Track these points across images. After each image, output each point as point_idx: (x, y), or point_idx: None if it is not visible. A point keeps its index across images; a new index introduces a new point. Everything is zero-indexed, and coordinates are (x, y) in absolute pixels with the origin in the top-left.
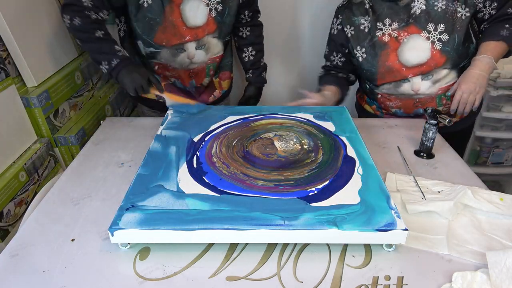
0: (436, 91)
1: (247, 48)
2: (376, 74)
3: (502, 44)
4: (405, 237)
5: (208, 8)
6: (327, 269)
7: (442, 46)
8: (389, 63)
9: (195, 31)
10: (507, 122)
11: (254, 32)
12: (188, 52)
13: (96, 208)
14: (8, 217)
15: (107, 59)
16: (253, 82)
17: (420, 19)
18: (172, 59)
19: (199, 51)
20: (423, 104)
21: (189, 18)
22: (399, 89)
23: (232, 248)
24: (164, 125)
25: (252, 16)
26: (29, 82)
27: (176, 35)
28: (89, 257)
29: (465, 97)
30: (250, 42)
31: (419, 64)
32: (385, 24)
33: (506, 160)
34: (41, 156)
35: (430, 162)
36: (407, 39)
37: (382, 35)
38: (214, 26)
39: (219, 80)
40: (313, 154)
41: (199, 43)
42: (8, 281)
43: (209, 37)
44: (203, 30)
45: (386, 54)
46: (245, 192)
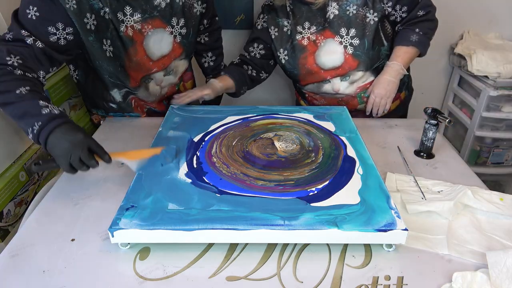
0: (355, 90)
1: (206, 54)
2: (298, 75)
3: (412, 49)
4: (405, 237)
5: (172, 36)
6: (327, 269)
7: (353, 50)
8: (308, 65)
9: (162, 61)
10: (507, 122)
11: (212, 37)
12: (155, 80)
13: (96, 208)
14: (8, 217)
15: (30, 124)
16: None
17: (334, 24)
18: (147, 93)
19: (168, 77)
20: (346, 102)
21: (154, 52)
22: (321, 89)
23: (232, 248)
24: (164, 125)
25: (210, 22)
26: None
27: (142, 70)
28: (89, 257)
29: (377, 101)
30: (209, 47)
31: (334, 67)
32: (304, 27)
33: (506, 160)
34: (41, 156)
35: (430, 162)
36: (324, 43)
37: (301, 39)
38: (180, 50)
39: (183, 84)
40: (313, 154)
41: (167, 70)
42: (8, 281)
43: (176, 61)
44: (169, 57)
45: (305, 57)
46: (245, 192)
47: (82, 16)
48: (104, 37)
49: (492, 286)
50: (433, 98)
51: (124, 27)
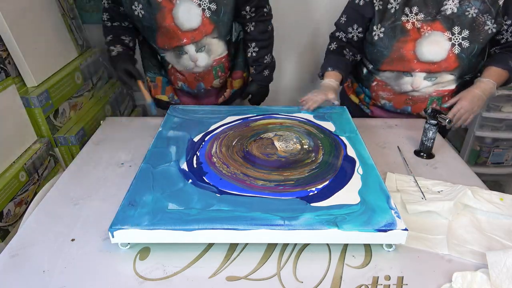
0: (431, 92)
1: (250, 44)
2: (386, 57)
3: (506, 73)
4: (405, 237)
5: (200, 8)
6: (327, 269)
7: (460, 51)
8: (403, 50)
9: (191, 34)
10: (507, 122)
11: (257, 28)
12: (189, 55)
13: (96, 208)
14: (8, 217)
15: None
16: (255, 79)
17: (448, 19)
18: (177, 61)
19: (201, 54)
20: (414, 102)
21: (183, 22)
22: (399, 80)
23: (232, 248)
24: (164, 125)
25: (255, 11)
26: (29, 82)
27: (174, 38)
28: (89, 257)
29: (461, 112)
30: (253, 37)
31: (431, 61)
32: (412, 11)
33: (506, 160)
34: (41, 156)
35: (430, 162)
36: (429, 33)
37: (406, 21)
38: (211, 26)
39: (231, 80)
40: (313, 154)
41: (198, 45)
42: (8, 281)
43: (208, 38)
44: (200, 32)
45: (405, 41)
46: (245, 192)
47: None
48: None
49: (492, 286)
50: None
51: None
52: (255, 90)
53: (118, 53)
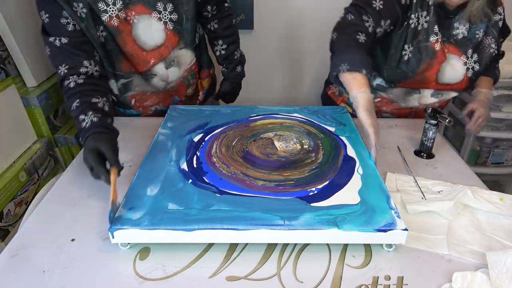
0: (434, 103)
1: (217, 42)
2: (408, 78)
3: (492, 81)
4: (405, 237)
5: (162, 22)
6: (327, 269)
7: (472, 74)
8: (428, 73)
9: (157, 51)
10: (507, 122)
11: (222, 24)
12: (160, 75)
13: (96, 208)
14: (8, 217)
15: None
16: (227, 77)
17: (461, 43)
18: (147, 83)
19: (171, 69)
20: (416, 113)
21: (145, 41)
22: (407, 97)
23: (232, 248)
24: (164, 125)
25: (217, 8)
26: (29, 82)
27: (139, 63)
28: (89, 257)
29: (481, 120)
30: (219, 35)
31: (448, 83)
32: (434, 31)
33: (506, 160)
34: (41, 156)
35: (430, 162)
36: (449, 56)
37: (435, 41)
38: (176, 38)
39: (200, 81)
40: (313, 154)
41: (167, 61)
42: (8, 281)
43: (175, 51)
44: (166, 47)
45: (431, 64)
46: (245, 192)
47: (71, 5)
48: (97, 24)
49: (492, 286)
50: None
51: (108, 17)
52: (230, 89)
53: (92, 124)
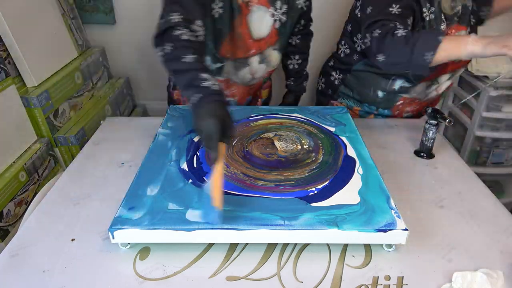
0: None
1: (293, 56)
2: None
3: None
4: (405, 237)
5: (273, 19)
6: (327, 269)
7: None
8: None
9: (259, 43)
10: (507, 122)
11: (304, 41)
12: (251, 67)
13: (96, 208)
14: (8, 217)
15: (190, 93)
16: (293, 90)
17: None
18: (235, 72)
19: (261, 65)
20: (432, 103)
21: (255, 30)
22: (427, 91)
23: (232, 248)
24: (164, 125)
25: (305, 25)
26: (29, 82)
27: (242, 47)
28: (89, 257)
29: None
30: (298, 50)
31: None
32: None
33: (506, 160)
34: (41, 156)
35: (430, 162)
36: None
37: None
38: (275, 37)
39: (261, 91)
40: (313, 154)
41: (262, 56)
42: (8, 281)
43: (270, 49)
44: (266, 42)
45: None
46: (245, 192)
47: None
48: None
49: (492, 286)
50: None
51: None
52: (293, 101)
53: (221, 89)
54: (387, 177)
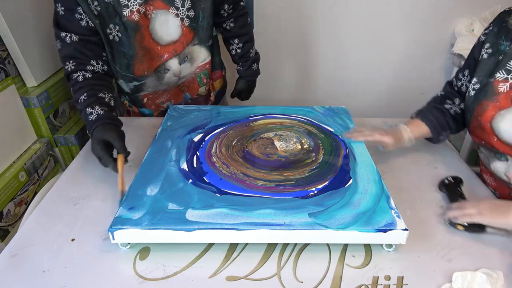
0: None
1: (233, 41)
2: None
3: None
4: (405, 237)
5: (179, 18)
6: (327, 269)
7: None
8: (481, 119)
9: (172, 46)
10: None
11: (238, 23)
12: (173, 71)
13: (96, 208)
14: (8, 217)
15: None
16: (243, 75)
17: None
18: (159, 82)
19: (184, 65)
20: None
21: (162, 36)
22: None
23: (232, 248)
24: (164, 125)
25: (233, 7)
26: (29, 82)
27: (154, 58)
28: (89, 257)
29: None
30: (235, 33)
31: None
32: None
33: None
34: (41, 156)
35: (430, 162)
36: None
37: (503, 80)
38: (190, 34)
39: (211, 81)
40: (314, 154)
41: (181, 57)
42: (8, 281)
43: (189, 47)
44: (181, 42)
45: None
46: (245, 192)
47: (87, 2)
48: (111, 23)
49: (492, 286)
50: None
51: (129, 12)
52: (246, 86)
53: (98, 116)
54: (387, 177)
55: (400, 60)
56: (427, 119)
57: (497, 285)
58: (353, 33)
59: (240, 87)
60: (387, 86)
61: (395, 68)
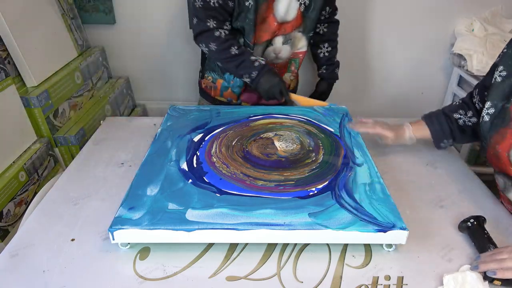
0: None
1: (323, 45)
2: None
3: None
4: (405, 237)
5: (298, 2)
6: (327, 269)
7: None
8: (499, 148)
9: (284, 26)
10: None
11: (331, 29)
12: (274, 47)
13: (96, 208)
14: (8, 217)
15: (247, 72)
16: (326, 78)
17: None
18: (261, 53)
19: (285, 46)
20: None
21: (281, 14)
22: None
23: (232, 248)
24: (164, 125)
25: (331, 12)
26: (29, 82)
27: (267, 31)
28: (89, 257)
29: None
30: (326, 38)
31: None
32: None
33: None
34: (41, 156)
35: (430, 162)
36: None
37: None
38: (300, 20)
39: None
40: (314, 154)
41: (286, 37)
42: (8, 281)
43: (295, 32)
44: (292, 25)
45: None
46: (245, 192)
47: None
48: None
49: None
50: (433, 98)
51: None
52: (328, 89)
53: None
54: (387, 177)
55: (400, 60)
56: (432, 124)
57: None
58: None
59: (323, 89)
60: (387, 86)
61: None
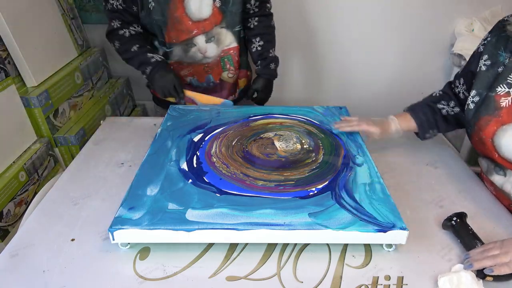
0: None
1: (255, 39)
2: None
3: None
4: (405, 237)
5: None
6: (327, 269)
7: None
8: (483, 134)
9: (201, 24)
10: None
11: (262, 23)
12: (199, 47)
13: (96, 208)
14: (8, 217)
15: (143, 68)
16: (261, 73)
17: None
18: (185, 55)
19: (210, 45)
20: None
21: (194, 12)
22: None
23: (232, 248)
24: (164, 125)
25: (259, 6)
26: (29, 82)
27: (183, 30)
28: (89, 257)
29: None
30: (257, 32)
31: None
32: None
33: None
34: (41, 156)
35: (430, 162)
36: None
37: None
38: (220, 16)
39: (237, 80)
40: (314, 154)
41: (208, 35)
42: (8, 281)
43: (217, 28)
44: (210, 22)
45: (487, 121)
46: (245, 192)
47: None
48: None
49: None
50: None
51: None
52: (262, 86)
53: (162, 61)
54: (387, 177)
55: (400, 60)
56: (417, 115)
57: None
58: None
59: (257, 86)
60: (387, 86)
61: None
